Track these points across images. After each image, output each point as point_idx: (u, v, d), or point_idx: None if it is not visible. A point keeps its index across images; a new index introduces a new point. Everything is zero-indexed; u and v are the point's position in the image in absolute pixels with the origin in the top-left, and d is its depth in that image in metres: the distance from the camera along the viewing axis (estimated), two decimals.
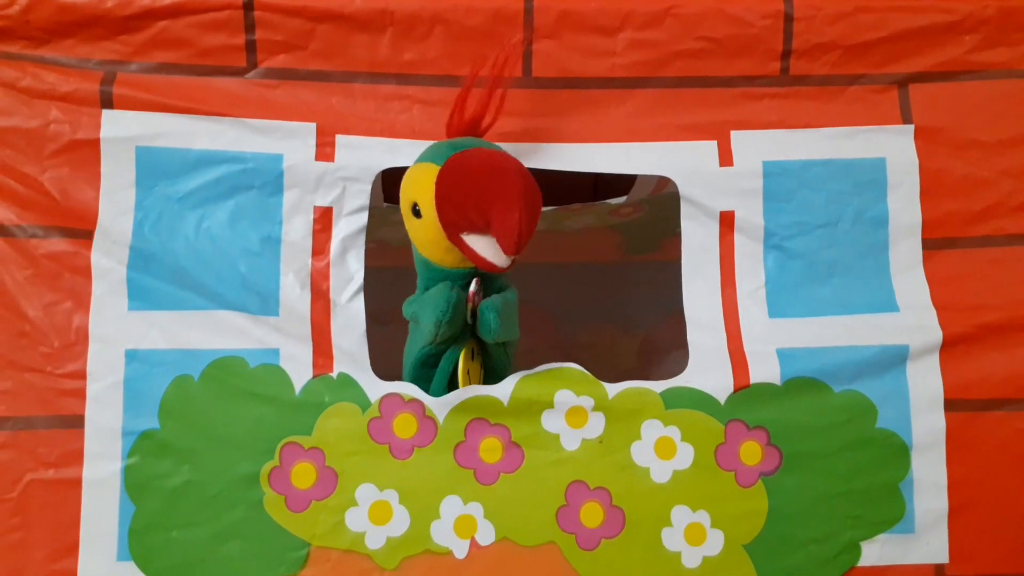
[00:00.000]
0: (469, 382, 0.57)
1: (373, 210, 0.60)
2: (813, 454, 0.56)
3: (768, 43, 0.59)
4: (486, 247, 0.50)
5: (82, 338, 0.55)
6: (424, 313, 0.55)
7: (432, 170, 0.52)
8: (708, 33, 0.59)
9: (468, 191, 0.50)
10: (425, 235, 0.54)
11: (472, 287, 0.54)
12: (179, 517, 0.54)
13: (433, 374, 0.57)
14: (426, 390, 0.57)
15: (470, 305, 0.54)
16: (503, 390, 0.56)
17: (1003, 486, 0.57)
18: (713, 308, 0.60)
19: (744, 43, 0.59)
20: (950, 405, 0.57)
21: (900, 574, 0.56)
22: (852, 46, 0.59)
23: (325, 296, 0.58)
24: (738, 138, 0.59)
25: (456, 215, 0.51)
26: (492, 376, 0.59)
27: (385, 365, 0.59)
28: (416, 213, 0.53)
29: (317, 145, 0.58)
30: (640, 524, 0.55)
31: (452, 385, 0.57)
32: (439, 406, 0.56)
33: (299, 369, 0.55)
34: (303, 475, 0.54)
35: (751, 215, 0.59)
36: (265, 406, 0.55)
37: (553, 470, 0.55)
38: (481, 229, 0.50)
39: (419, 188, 0.52)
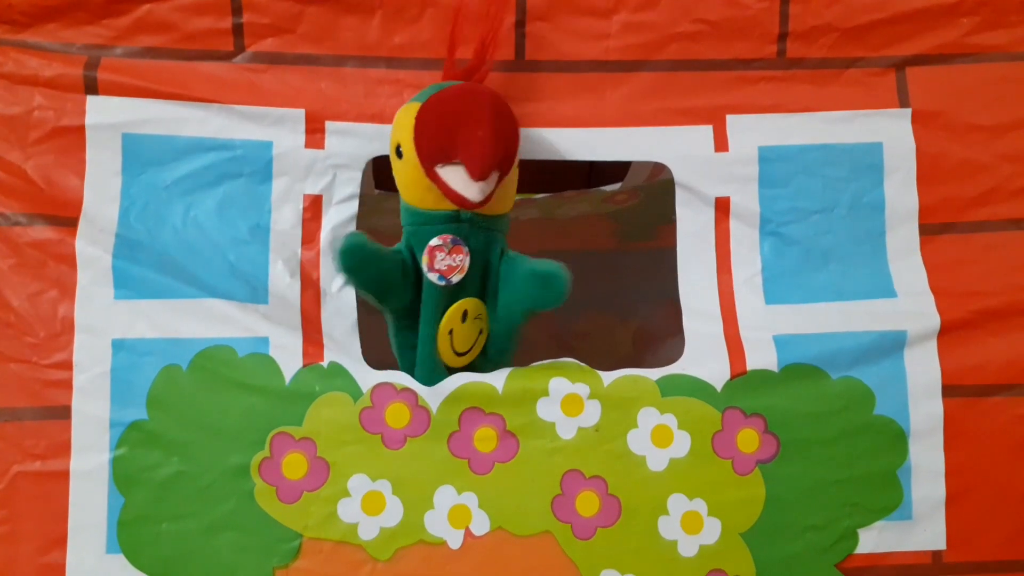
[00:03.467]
0: (451, 343, 0.56)
1: (364, 197, 0.59)
2: (810, 441, 0.56)
3: (764, 26, 0.59)
4: (457, 178, 0.51)
5: (68, 328, 0.54)
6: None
7: (415, 109, 0.52)
8: (704, 15, 0.58)
9: (440, 120, 0.51)
10: (406, 175, 0.54)
11: (434, 241, 0.53)
12: (168, 509, 0.53)
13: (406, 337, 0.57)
14: (410, 357, 0.57)
15: (426, 259, 0.53)
16: (497, 379, 0.55)
17: (1001, 472, 0.57)
18: (709, 295, 0.59)
19: (740, 26, 0.58)
20: (948, 391, 0.57)
21: (898, 561, 0.56)
22: (849, 28, 0.59)
23: (315, 285, 0.58)
24: (734, 123, 0.59)
25: (428, 144, 0.52)
26: (490, 345, 0.58)
27: (376, 354, 0.59)
28: (399, 154, 0.53)
29: (306, 132, 0.57)
30: (636, 513, 0.55)
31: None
32: (432, 395, 0.55)
33: (289, 358, 0.55)
34: (294, 466, 0.54)
35: (747, 201, 0.59)
36: (255, 396, 0.54)
37: (548, 459, 0.55)
38: (451, 156, 0.51)
39: (401, 127, 0.53)
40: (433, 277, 0.54)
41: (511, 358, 0.59)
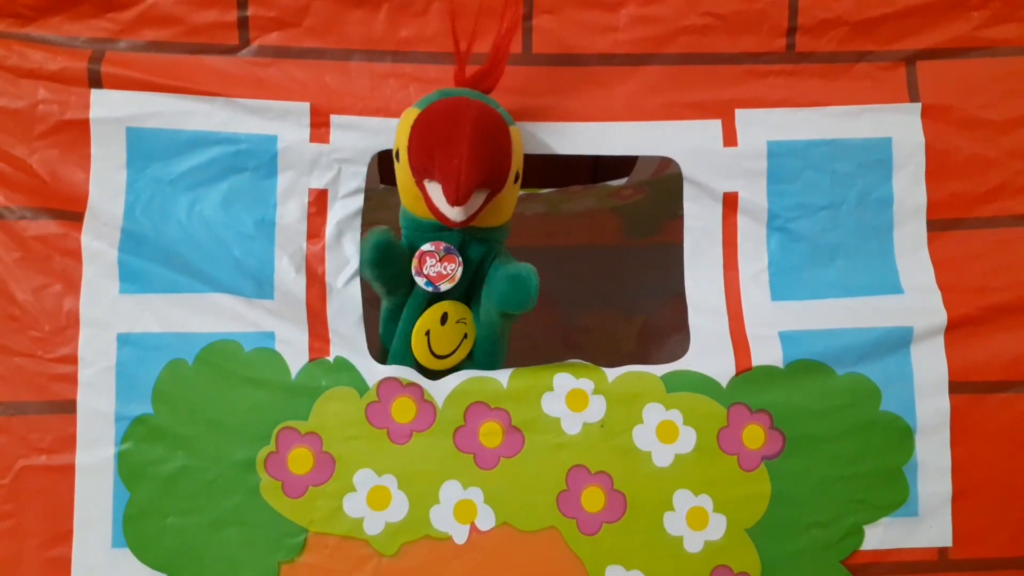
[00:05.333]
0: (427, 345, 0.56)
1: (369, 192, 0.59)
2: (816, 437, 0.56)
3: (774, 19, 0.58)
4: (439, 197, 0.51)
5: (73, 322, 0.54)
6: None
7: (415, 115, 0.52)
8: (712, 9, 0.58)
9: (426, 137, 0.51)
10: (402, 180, 0.54)
11: (426, 246, 0.54)
12: (174, 503, 0.53)
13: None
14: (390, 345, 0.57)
15: (416, 263, 0.54)
16: (502, 375, 0.55)
17: (1007, 469, 0.57)
18: (715, 291, 0.59)
19: (749, 19, 0.58)
20: (954, 388, 0.57)
21: (903, 558, 0.56)
22: (859, 22, 0.58)
23: (321, 280, 0.58)
24: (743, 117, 0.58)
25: (416, 159, 0.51)
26: (476, 349, 0.58)
27: (383, 349, 0.59)
28: (398, 158, 0.54)
29: (311, 126, 0.57)
30: (642, 508, 0.55)
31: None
32: (438, 390, 0.55)
33: (295, 353, 0.55)
34: (300, 460, 0.53)
35: (755, 196, 0.58)
36: (261, 390, 0.54)
37: (554, 454, 0.55)
38: (433, 175, 0.51)
39: (402, 133, 0.53)
40: (420, 281, 0.54)
41: (500, 363, 0.58)
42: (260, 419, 0.54)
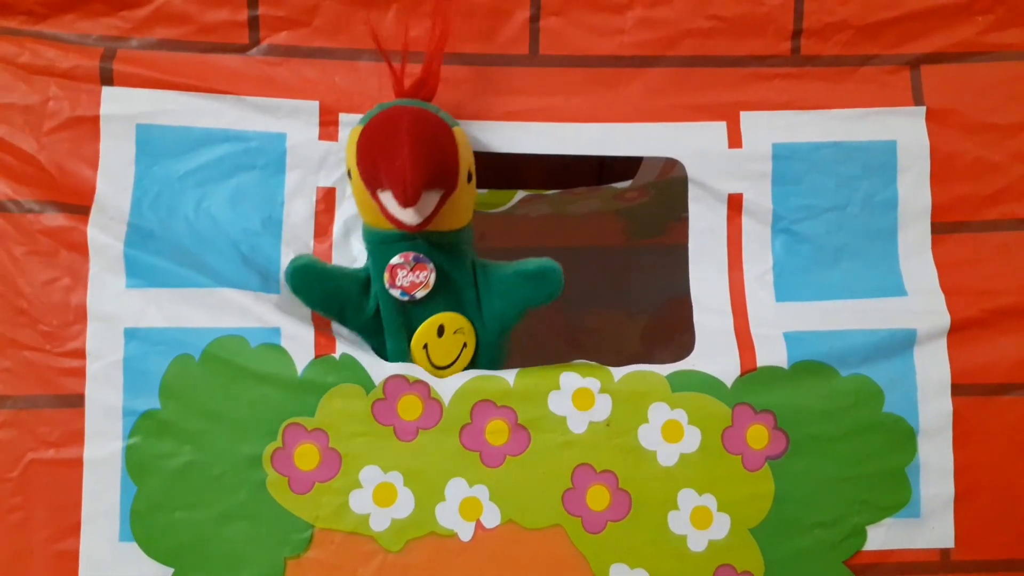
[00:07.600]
0: (426, 357, 0.56)
1: None
2: (820, 438, 0.56)
3: (779, 22, 0.59)
4: (392, 203, 0.51)
5: (81, 316, 0.54)
6: None
7: (359, 132, 0.53)
8: (718, 12, 0.58)
9: (370, 147, 0.52)
10: (358, 196, 0.55)
11: (395, 259, 0.54)
12: (181, 498, 0.53)
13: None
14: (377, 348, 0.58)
15: (387, 277, 0.54)
16: (508, 374, 0.56)
17: (1010, 471, 0.57)
18: (720, 291, 0.59)
19: (755, 22, 0.58)
20: (957, 390, 0.57)
21: (906, 558, 0.56)
22: (864, 26, 0.59)
23: None
24: (748, 119, 0.59)
25: (365, 172, 0.52)
26: (480, 355, 0.58)
27: None
28: (350, 175, 0.54)
29: (320, 124, 0.57)
30: (646, 507, 0.55)
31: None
32: (444, 388, 0.55)
33: (301, 349, 0.55)
34: (306, 456, 0.54)
35: (760, 198, 0.59)
36: (267, 386, 0.54)
37: (560, 453, 0.55)
38: (382, 183, 0.51)
39: (350, 151, 0.54)
40: (396, 293, 0.55)
41: (502, 366, 0.59)
42: (266, 415, 0.54)
